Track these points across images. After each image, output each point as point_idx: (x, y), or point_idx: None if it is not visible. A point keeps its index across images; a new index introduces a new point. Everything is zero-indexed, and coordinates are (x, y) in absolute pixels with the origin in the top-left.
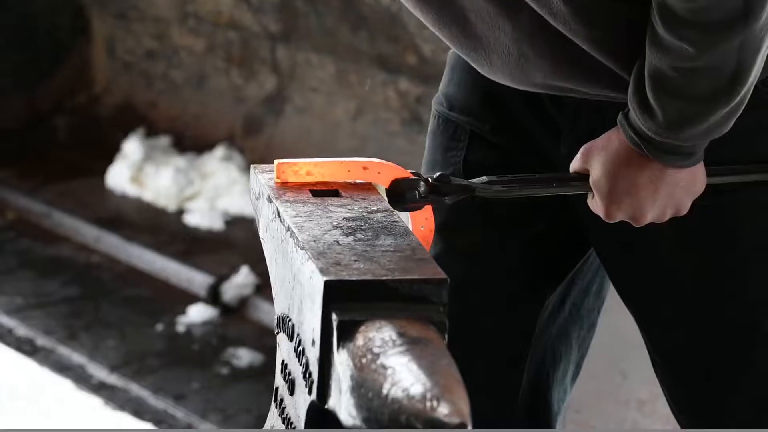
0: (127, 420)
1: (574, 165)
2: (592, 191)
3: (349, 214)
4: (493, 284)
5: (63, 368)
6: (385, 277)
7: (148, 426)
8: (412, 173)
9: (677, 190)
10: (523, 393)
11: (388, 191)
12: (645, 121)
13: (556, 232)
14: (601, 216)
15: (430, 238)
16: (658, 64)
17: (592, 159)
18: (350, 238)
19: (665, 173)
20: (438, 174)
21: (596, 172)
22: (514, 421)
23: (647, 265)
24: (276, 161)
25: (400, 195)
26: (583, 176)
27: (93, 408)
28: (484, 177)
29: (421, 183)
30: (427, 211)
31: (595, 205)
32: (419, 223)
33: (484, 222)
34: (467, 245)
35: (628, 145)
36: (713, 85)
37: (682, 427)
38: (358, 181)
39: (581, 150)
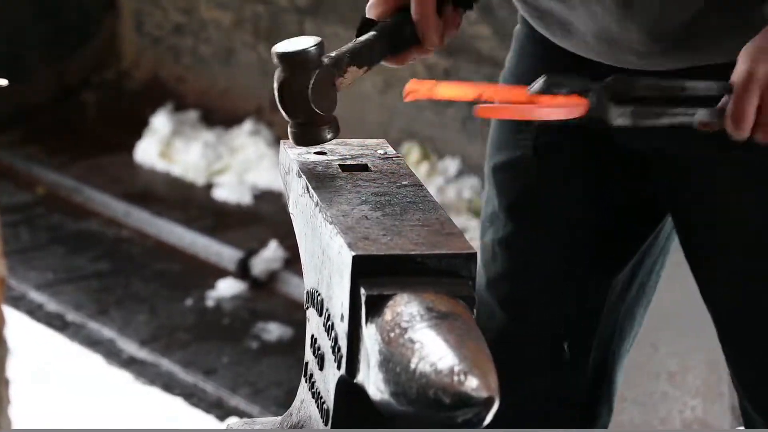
0: (157, 394)
1: (737, 72)
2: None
3: (377, 189)
4: (563, 263)
5: (93, 343)
6: (413, 252)
7: (178, 400)
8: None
9: None
10: (588, 370)
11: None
12: None
13: (627, 211)
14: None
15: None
16: None
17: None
18: (379, 213)
19: None
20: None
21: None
22: (580, 398)
23: (731, 232)
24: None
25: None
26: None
27: (123, 382)
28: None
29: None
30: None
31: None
32: None
33: (555, 202)
34: (537, 225)
35: None
36: None
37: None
38: (389, 154)
39: (741, 54)
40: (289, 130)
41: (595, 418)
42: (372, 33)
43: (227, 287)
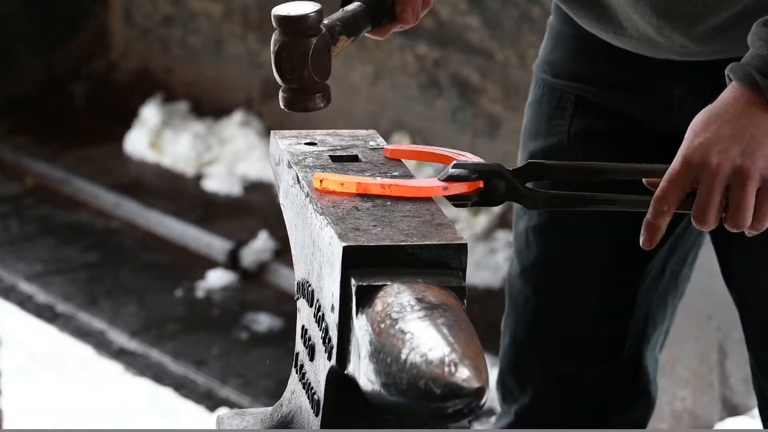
0: (147, 385)
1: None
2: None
3: None
4: (596, 249)
5: (83, 334)
6: (403, 243)
7: (168, 391)
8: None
9: None
10: (622, 361)
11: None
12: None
13: None
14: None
15: None
16: None
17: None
18: (369, 204)
19: None
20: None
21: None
22: (619, 386)
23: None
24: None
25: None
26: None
27: (113, 374)
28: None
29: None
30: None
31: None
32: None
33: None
34: (571, 212)
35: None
36: None
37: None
38: (380, 145)
39: (688, 130)
40: (281, 95)
41: (629, 411)
42: (356, 4)
43: (217, 278)
